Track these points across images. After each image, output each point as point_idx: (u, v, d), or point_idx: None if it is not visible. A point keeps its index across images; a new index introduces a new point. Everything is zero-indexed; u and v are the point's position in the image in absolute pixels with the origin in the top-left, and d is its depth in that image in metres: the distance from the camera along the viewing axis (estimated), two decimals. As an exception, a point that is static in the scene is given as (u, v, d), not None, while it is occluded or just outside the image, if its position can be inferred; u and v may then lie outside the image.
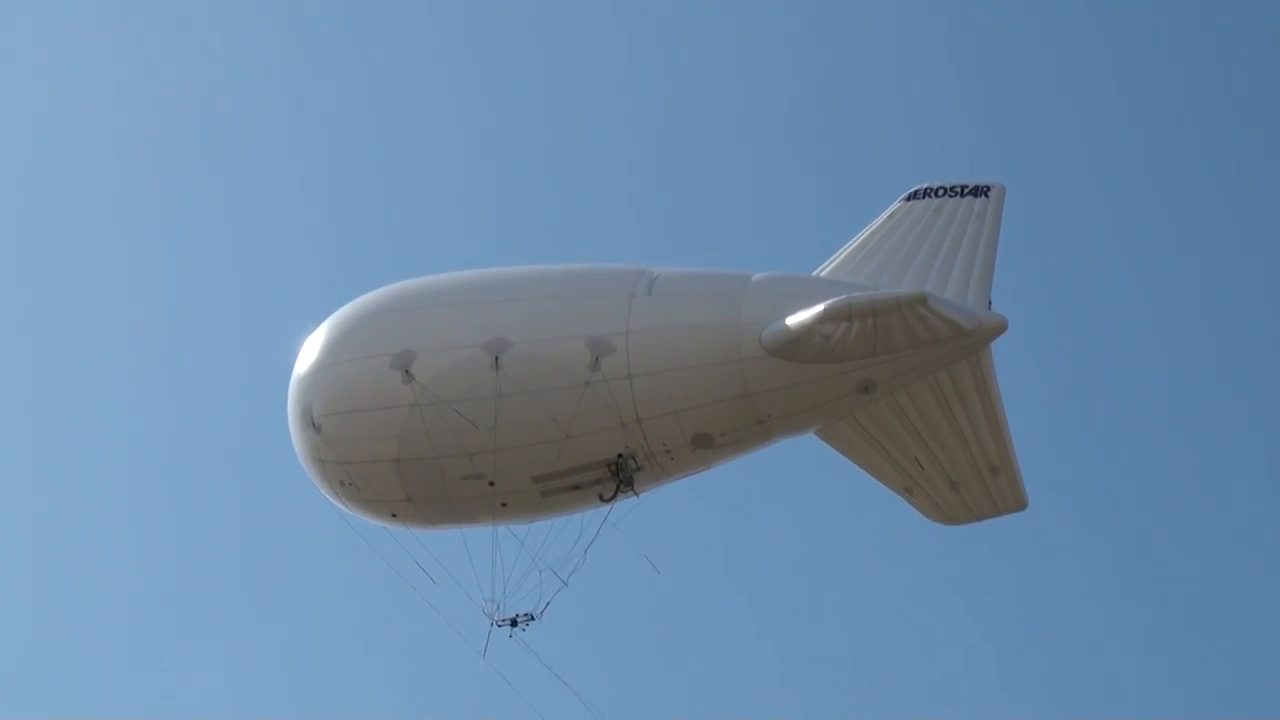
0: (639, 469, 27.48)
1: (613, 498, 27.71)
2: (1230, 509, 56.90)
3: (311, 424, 28.27)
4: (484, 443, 27.18)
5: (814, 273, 28.40)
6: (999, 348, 26.88)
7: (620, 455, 27.29)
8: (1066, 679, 53.37)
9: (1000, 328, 26.61)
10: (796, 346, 26.31)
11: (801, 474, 46.13)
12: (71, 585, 58.53)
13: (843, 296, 26.00)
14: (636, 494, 27.79)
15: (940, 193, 28.51)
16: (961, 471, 27.50)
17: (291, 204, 66.10)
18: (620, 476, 27.41)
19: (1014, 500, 27.74)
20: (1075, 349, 58.43)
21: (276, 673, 55.21)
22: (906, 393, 27.03)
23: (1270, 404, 58.76)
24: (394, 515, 28.80)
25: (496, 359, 27.01)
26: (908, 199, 28.68)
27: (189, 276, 64.81)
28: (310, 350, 28.75)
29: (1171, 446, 58.20)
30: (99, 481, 61.35)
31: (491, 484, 27.69)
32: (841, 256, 28.50)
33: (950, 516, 28.13)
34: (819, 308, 25.90)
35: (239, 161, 66.91)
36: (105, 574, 58.30)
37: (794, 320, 26.19)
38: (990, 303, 27.20)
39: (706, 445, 27.43)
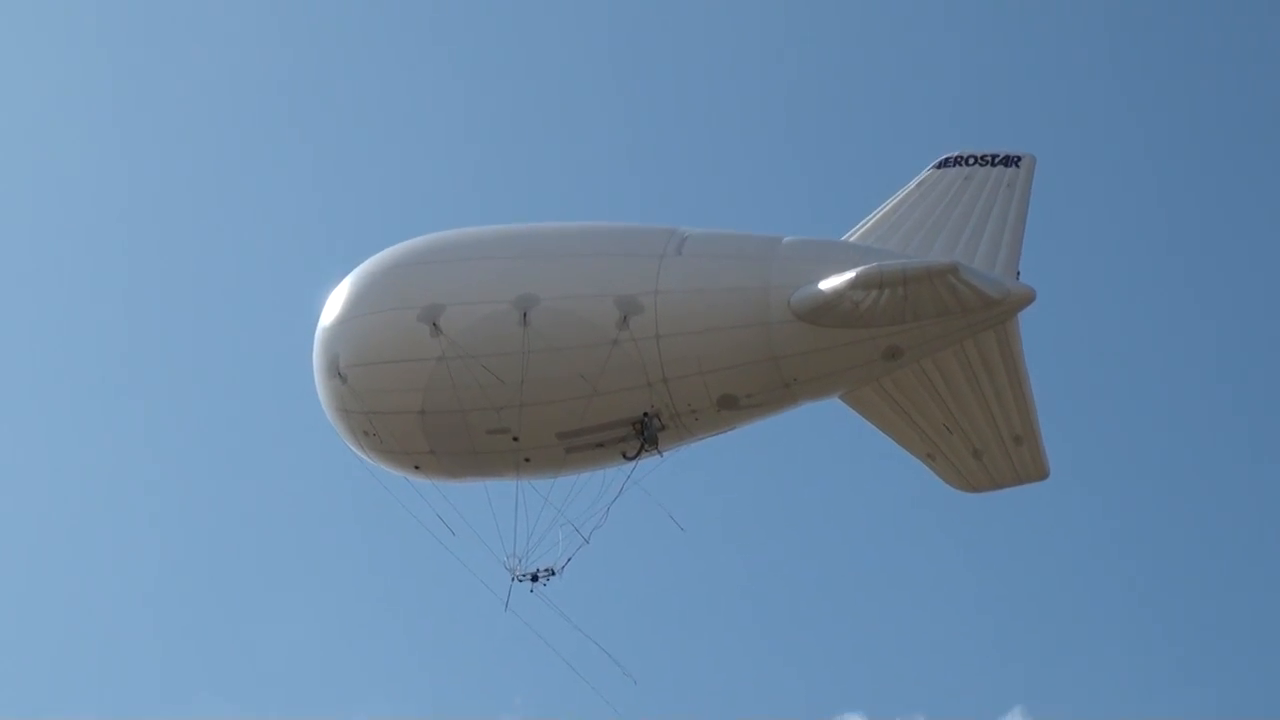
0: (663, 428, 27.57)
1: (636, 455, 27.81)
2: (1252, 484, 57.09)
3: (337, 373, 28.34)
4: (510, 398, 27.26)
5: (843, 238, 28.46)
6: (1026, 318, 26.98)
7: (645, 414, 27.38)
8: (1082, 647, 53.64)
9: (1028, 298, 26.66)
10: (825, 311, 26.39)
11: (825, 437, 46.28)
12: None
13: (874, 264, 26.07)
14: (660, 453, 27.88)
15: (971, 161, 28.53)
16: (985, 440, 27.60)
17: (318, 168, 66.22)
18: (645, 435, 27.50)
19: (1036, 469, 27.85)
20: (1102, 322, 58.54)
21: (300, 632, 55.44)
22: (932, 360, 27.11)
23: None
24: (417, 467, 28.90)
25: (525, 315, 27.07)
26: (938, 166, 28.71)
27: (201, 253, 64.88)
28: (336, 301, 28.78)
29: (1194, 421, 58.32)
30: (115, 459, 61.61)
31: (516, 439, 27.79)
32: (871, 222, 28.55)
33: (972, 484, 28.26)
34: (850, 274, 25.98)
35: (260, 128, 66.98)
36: (129, 554, 58.76)
37: (825, 285, 26.25)
38: (1019, 273, 27.27)
39: (732, 406, 27.54)
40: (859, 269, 26.00)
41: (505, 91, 66.71)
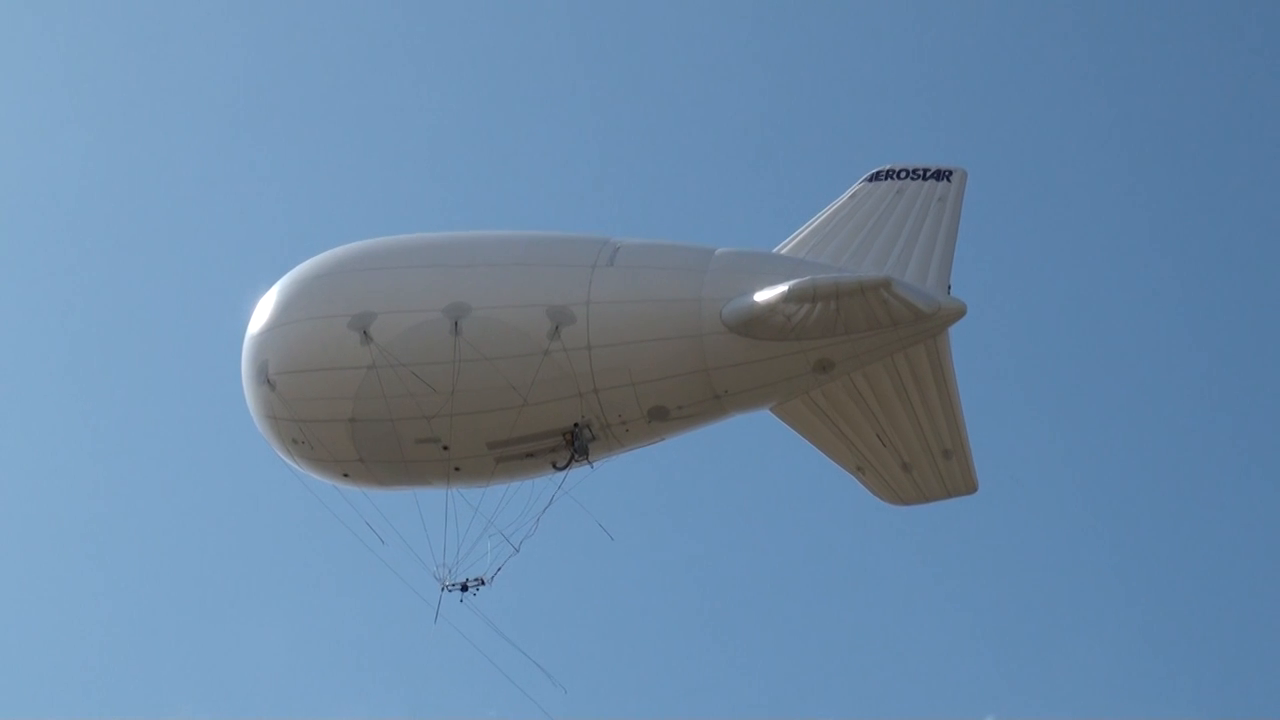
0: (594, 439, 27.57)
1: (566, 466, 27.80)
2: (1185, 494, 57.54)
3: (266, 380, 28.16)
4: (440, 407, 27.19)
5: (775, 250, 28.49)
6: (956, 332, 27.12)
7: (576, 425, 27.36)
8: (1006, 660, 53.91)
9: (959, 313, 26.81)
10: (757, 324, 26.44)
11: (755, 449, 46.40)
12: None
13: (807, 277, 26.14)
14: (591, 463, 27.89)
15: (903, 175, 28.63)
16: (914, 453, 27.74)
17: (241, 169, 65.81)
18: (575, 446, 27.49)
19: (965, 483, 28.00)
20: (1032, 335, 58.82)
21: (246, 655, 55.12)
22: (863, 374, 27.21)
23: (1230, 389, 59.39)
24: (345, 475, 28.77)
25: (456, 323, 27.01)
26: (870, 179, 28.79)
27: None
28: (266, 308, 28.60)
29: (1125, 433, 58.68)
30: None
31: (445, 448, 27.71)
32: (803, 234, 28.58)
33: (901, 497, 28.39)
34: (783, 287, 26.04)
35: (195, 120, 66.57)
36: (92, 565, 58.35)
37: (757, 298, 26.30)
38: (950, 287, 27.39)
39: (662, 418, 27.56)
40: (792, 282, 26.05)
41: (440, 99, 66.44)
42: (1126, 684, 53.16)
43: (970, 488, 28.06)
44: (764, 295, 26.23)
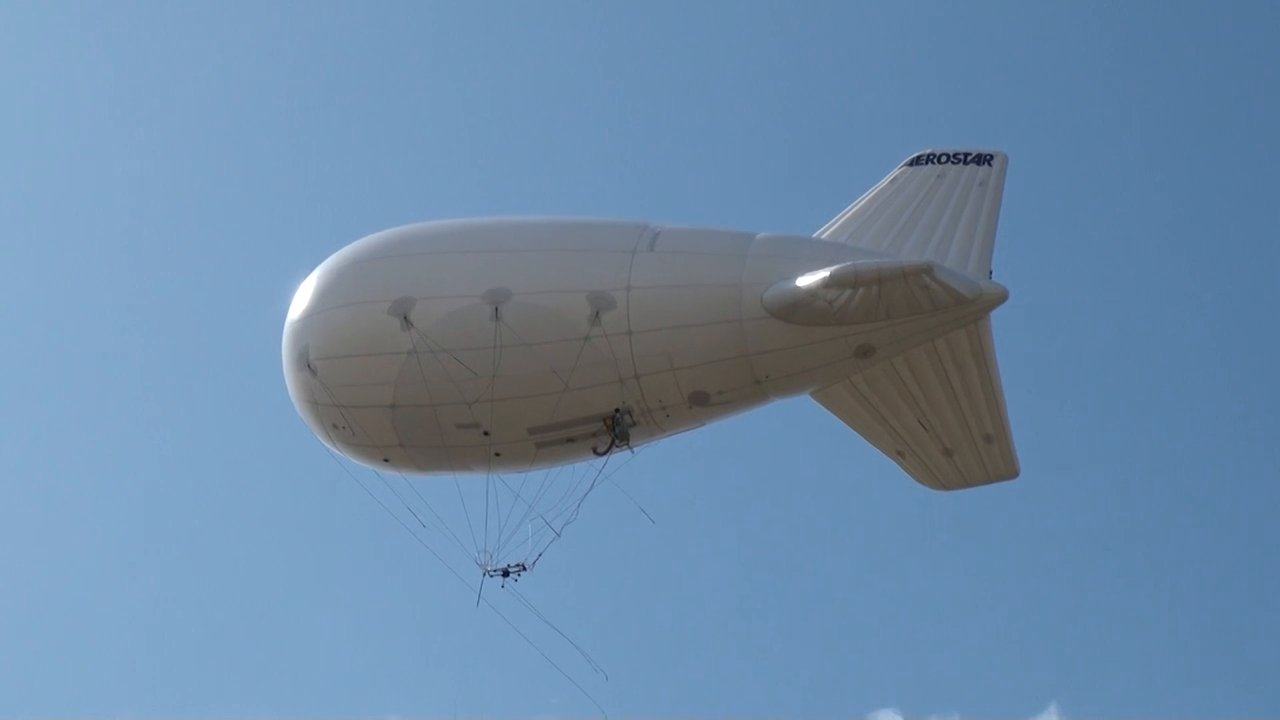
0: (635, 424, 27.57)
1: (607, 451, 27.81)
2: (1224, 484, 57.40)
3: (307, 366, 28.24)
4: (481, 392, 27.21)
5: (815, 234, 28.46)
6: (998, 317, 27.04)
7: (617, 410, 27.36)
8: (1051, 646, 53.83)
9: (1001, 297, 26.71)
10: (798, 309, 26.40)
11: (796, 433, 46.39)
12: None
13: (849, 263, 26.08)
14: (631, 449, 27.88)
15: (944, 159, 28.54)
16: (955, 438, 27.65)
17: (276, 158, 65.84)
18: (616, 431, 27.49)
19: (1006, 468, 27.92)
20: (1074, 321, 58.70)
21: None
22: (904, 358, 27.13)
23: (1270, 375, 59.18)
24: (386, 460, 28.84)
25: (496, 309, 27.02)
26: (911, 164, 28.71)
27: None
28: (306, 294, 28.67)
29: (1165, 421, 58.53)
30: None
31: (486, 433, 27.73)
32: (843, 219, 28.53)
33: (942, 482, 28.31)
34: (825, 273, 25.99)
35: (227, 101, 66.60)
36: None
37: (799, 283, 26.26)
38: (991, 272, 27.32)
39: (703, 403, 27.54)
40: (834, 267, 26.00)
41: (477, 84, 66.57)
42: (1168, 677, 53.08)
43: (1012, 473, 27.95)
44: (806, 280, 26.18)
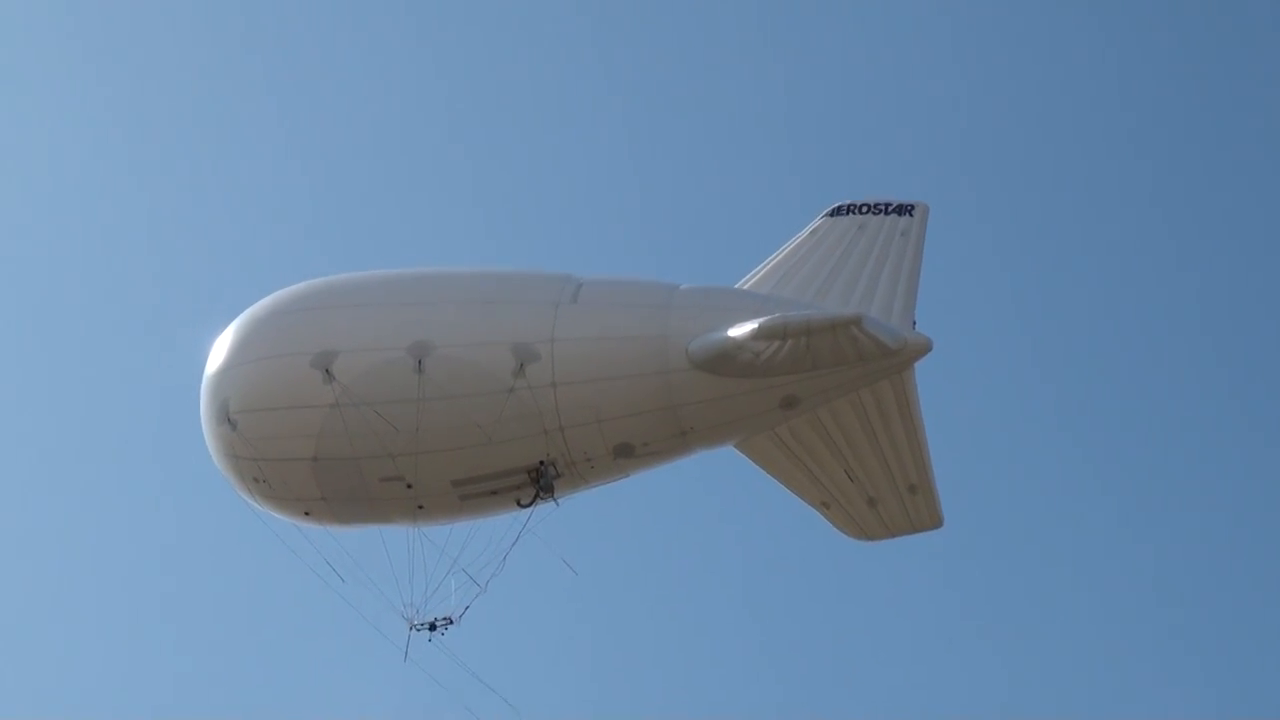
0: (559, 476, 27.47)
1: (531, 503, 27.68)
2: (1152, 527, 57.83)
3: (227, 419, 27.95)
4: (405, 445, 27.02)
5: (737, 285, 28.49)
6: (921, 367, 27.17)
7: (541, 462, 27.26)
8: (980, 689, 54.06)
9: (925, 348, 26.87)
10: (725, 361, 26.42)
11: (719, 484, 46.43)
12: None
13: (778, 314, 26.13)
14: (555, 500, 27.77)
15: (864, 209, 28.69)
16: (880, 488, 27.78)
17: (193, 199, 65.26)
18: (540, 484, 27.39)
19: (930, 518, 28.06)
20: (998, 369, 58.98)
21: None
22: (829, 409, 27.24)
23: (1194, 415, 59.82)
24: (307, 513, 28.57)
25: (420, 362, 26.86)
26: (831, 214, 28.84)
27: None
28: (225, 345, 28.38)
29: (1090, 467, 58.91)
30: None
31: (409, 486, 27.55)
32: (765, 270, 28.59)
33: (866, 532, 28.43)
34: (753, 324, 26.00)
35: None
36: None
37: (726, 335, 26.28)
38: (914, 322, 27.47)
39: (628, 455, 27.50)
40: (762, 319, 26.02)
41: (400, 129, 66.18)
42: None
43: (936, 522, 28.11)
44: (734, 332, 26.20)
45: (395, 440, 26.98)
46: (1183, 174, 64.02)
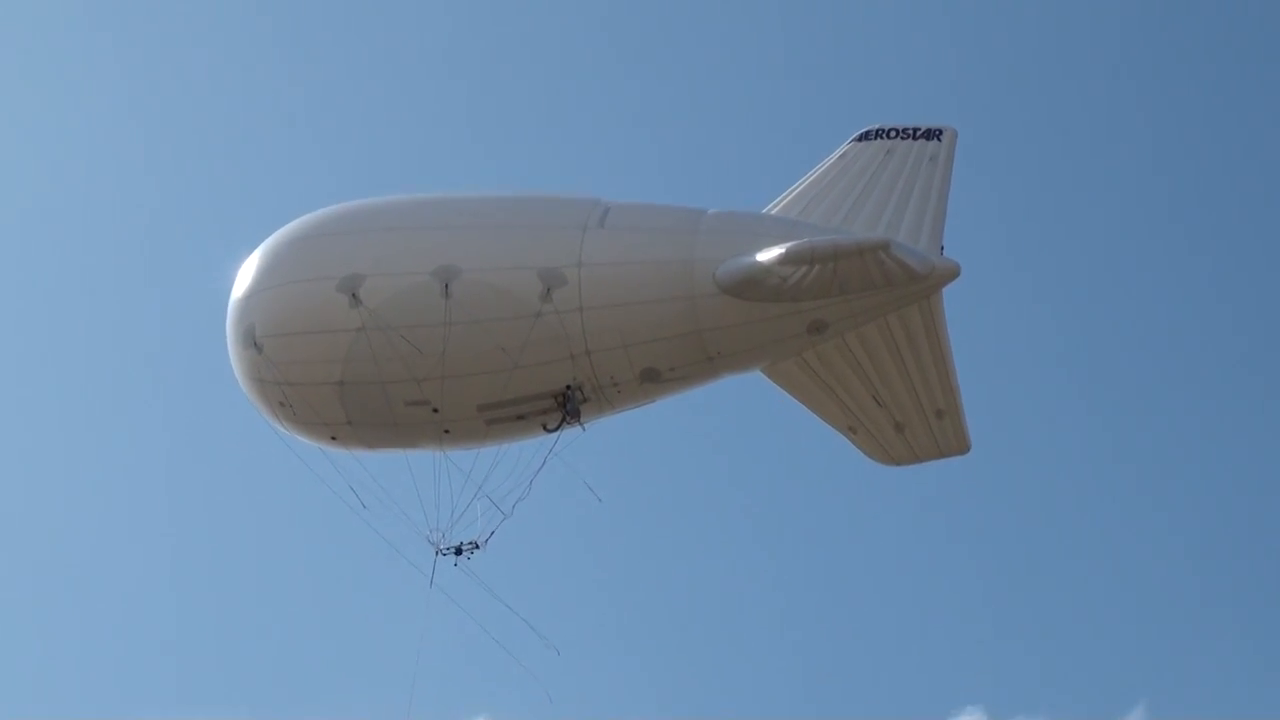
0: (585, 400, 27.43)
1: (557, 428, 27.66)
2: (1176, 463, 57.84)
3: (253, 343, 27.94)
4: (431, 369, 27.01)
5: (765, 210, 28.34)
6: (949, 292, 27.06)
7: (568, 387, 27.22)
8: (993, 618, 54.12)
9: (953, 273, 26.75)
10: (751, 286, 26.33)
11: (746, 410, 46.46)
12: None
13: (805, 239, 26.00)
14: (582, 425, 27.74)
15: (892, 134, 28.48)
16: (907, 413, 27.70)
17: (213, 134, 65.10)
18: (567, 408, 27.36)
19: (957, 443, 27.98)
20: (1024, 295, 58.89)
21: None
22: (856, 334, 27.13)
23: (1222, 355, 59.65)
24: (333, 438, 28.59)
25: (446, 286, 26.80)
26: (859, 139, 28.62)
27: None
28: (250, 271, 28.34)
29: (1115, 398, 58.87)
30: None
31: (435, 410, 27.53)
32: (793, 195, 28.42)
33: (894, 457, 28.35)
34: (780, 249, 25.89)
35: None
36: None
37: (753, 260, 26.16)
38: (942, 248, 27.34)
39: (654, 380, 27.44)
40: (789, 244, 25.90)
41: (421, 56, 66.04)
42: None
43: (963, 447, 28.03)
44: (760, 257, 26.10)
45: (421, 364, 26.96)
46: (1215, 97, 63.72)
